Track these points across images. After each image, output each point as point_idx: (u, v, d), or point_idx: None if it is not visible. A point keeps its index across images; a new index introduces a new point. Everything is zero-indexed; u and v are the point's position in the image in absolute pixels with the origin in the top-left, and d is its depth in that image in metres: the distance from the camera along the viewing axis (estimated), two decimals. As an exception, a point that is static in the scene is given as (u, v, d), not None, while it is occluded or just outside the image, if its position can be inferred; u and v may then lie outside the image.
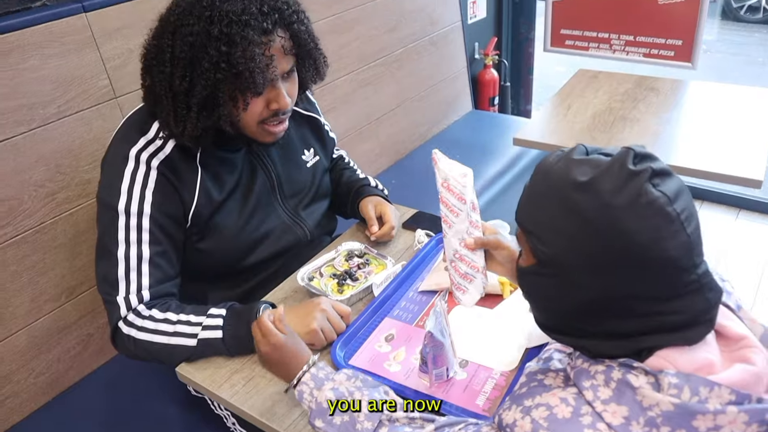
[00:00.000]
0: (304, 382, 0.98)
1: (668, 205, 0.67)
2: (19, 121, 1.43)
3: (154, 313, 1.19)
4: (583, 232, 0.69)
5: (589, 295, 0.71)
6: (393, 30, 2.54)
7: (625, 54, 2.60)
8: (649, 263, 0.67)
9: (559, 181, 0.71)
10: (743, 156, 1.80)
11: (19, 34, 1.40)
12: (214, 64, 1.10)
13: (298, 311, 1.19)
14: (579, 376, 0.74)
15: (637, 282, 0.68)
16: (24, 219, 1.47)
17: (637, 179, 0.67)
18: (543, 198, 0.74)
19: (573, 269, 0.71)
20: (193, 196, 1.26)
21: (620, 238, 0.67)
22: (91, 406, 1.58)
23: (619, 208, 0.67)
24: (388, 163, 2.63)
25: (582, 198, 0.69)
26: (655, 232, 0.66)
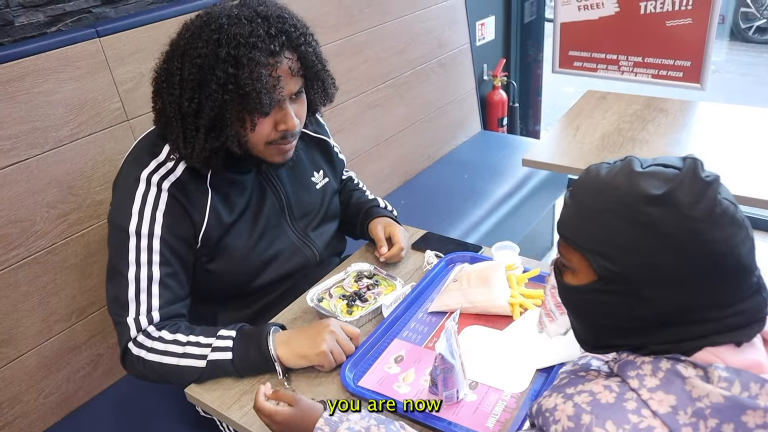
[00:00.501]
0: (318, 427, 0.95)
1: (737, 212, 0.68)
2: (32, 144, 1.45)
3: (164, 335, 1.20)
4: (661, 247, 0.67)
5: (657, 309, 0.70)
6: (402, 52, 2.56)
7: (633, 75, 2.60)
8: (727, 271, 0.67)
9: (627, 196, 0.69)
10: (755, 177, 1.79)
11: (35, 59, 1.43)
12: (222, 86, 1.11)
13: (308, 333, 1.19)
14: (624, 367, 0.73)
15: (711, 291, 0.68)
16: (36, 240, 1.49)
17: (711, 189, 0.67)
18: (605, 214, 0.71)
19: (645, 284, 0.69)
20: (203, 218, 1.26)
21: (703, 250, 0.66)
22: (101, 427, 1.58)
23: (699, 219, 0.66)
24: (397, 184, 2.64)
25: (659, 212, 0.67)
26: (731, 240, 0.67)
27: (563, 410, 0.71)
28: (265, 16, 1.15)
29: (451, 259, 1.46)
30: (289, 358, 1.17)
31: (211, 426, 1.41)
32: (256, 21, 1.13)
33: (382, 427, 0.93)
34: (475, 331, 1.25)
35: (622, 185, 0.70)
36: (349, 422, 0.95)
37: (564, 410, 0.71)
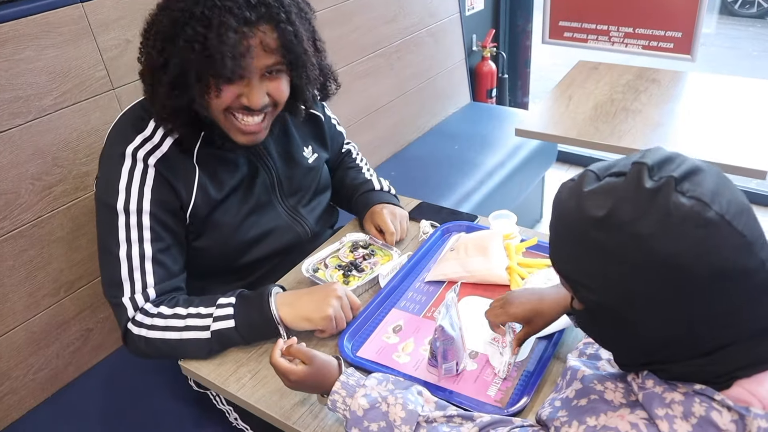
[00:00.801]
0: (335, 391, 0.95)
1: (707, 211, 0.58)
2: (14, 113, 1.40)
3: (163, 310, 1.17)
4: (622, 272, 0.62)
5: (655, 332, 0.64)
6: (391, 21, 2.51)
7: (624, 46, 2.58)
8: (708, 281, 0.59)
9: (576, 222, 0.64)
10: (747, 147, 1.79)
11: (14, 24, 1.37)
12: (190, 43, 1.08)
13: (313, 296, 1.18)
14: (650, 401, 0.66)
15: (702, 303, 0.61)
16: (21, 213, 1.45)
17: (661, 195, 0.59)
18: (565, 243, 0.67)
19: (626, 310, 0.64)
20: (190, 195, 1.23)
21: (661, 266, 0.59)
22: (91, 402, 1.56)
23: (646, 235, 0.59)
24: (387, 155, 2.61)
25: (606, 235, 0.61)
26: (700, 246, 0.58)
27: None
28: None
29: (446, 229, 1.44)
30: (293, 320, 1.16)
31: (204, 400, 1.40)
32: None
33: (399, 395, 0.91)
34: (473, 301, 1.24)
35: (572, 210, 0.65)
36: (366, 388, 0.94)
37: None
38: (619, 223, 0.60)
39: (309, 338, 1.18)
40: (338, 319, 1.16)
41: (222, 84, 1.12)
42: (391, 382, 0.95)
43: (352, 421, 0.92)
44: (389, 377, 0.97)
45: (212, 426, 1.40)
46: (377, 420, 0.90)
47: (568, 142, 1.99)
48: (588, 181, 0.65)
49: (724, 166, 1.75)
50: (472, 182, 2.37)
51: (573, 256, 0.67)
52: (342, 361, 1.01)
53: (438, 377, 1.06)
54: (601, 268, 0.63)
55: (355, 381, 0.96)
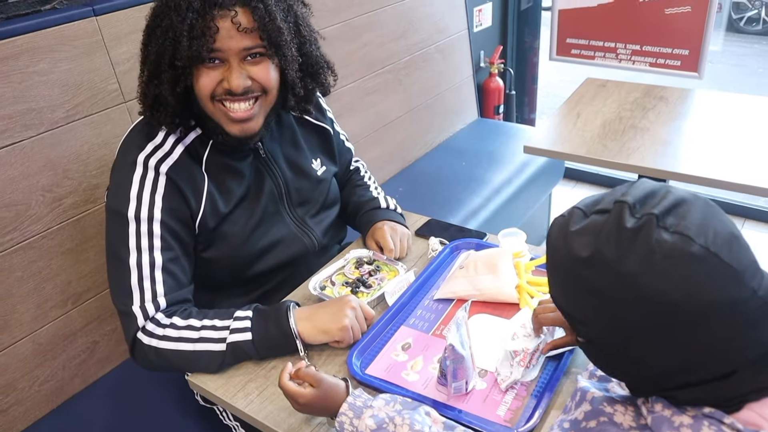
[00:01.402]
0: (342, 413, 0.95)
1: (691, 245, 0.58)
2: (27, 125, 1.41)
3: (176, 321, 1.17)
4: (613, 309, 0.62)
5: (653, 364, 0.64)
6: (400, 38, 2.53)
7: (631, 63, 2.59)
8: (700, 315, 0.59)
9: (565, 261, 0.65)
10: (754, 165, 1.79)
11: (30, 37, 1.38)
12: (164, 32, 1.11)
13: (328, 308, 1.18)
14: (659, 425, 0.66)
15: (697, 336, 0.60)
16: (31, 224, 1.45)
17: (643, 234, 0.59)
18: (558, 280, 0.68)
19: (624, 346, 0.64)
20: (199, 204, 1.24)
21: (649, 303, 0.59)
22: (96, 415, 1.55)
23: (631, 274, 0.59)
24: (395, 171, 2.62)
25: (592, 274, 0.62)
26: (686, 282, 0.58)
27: None
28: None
29: (456, 246, 1.44)
30: (311, 333, 1.16)
31: (210, 416, 1.39)
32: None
33: (407, 415, 0.91)
34: (482, 320, 1.23)
35: (561, 249, 0.66)
36: (373, 409, 0.94)
37: None
38: (604, 262, 0.61)
39: (323, 350, 1.19)
40: (354, 329, 1.17)
41: (195, 69, 1.14)
42: (399, 403, 0.95)
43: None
44: (397, 398, 0.96)
45: (218, 441, 1.39)
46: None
47: (577, 159, 1.99)
48: (575, 219, 0.66)
49: (732, 184, 1.75)
50: (480, 199, 2.37)
51: (566, 294, 0.68)
52: (349, 383, 1.00)
53: (447, 396, 1.05)
54: (593, 305, 0.64)
55: (363, 402, 0.95)
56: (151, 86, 1.16)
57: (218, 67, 1.14)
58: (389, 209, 1.55)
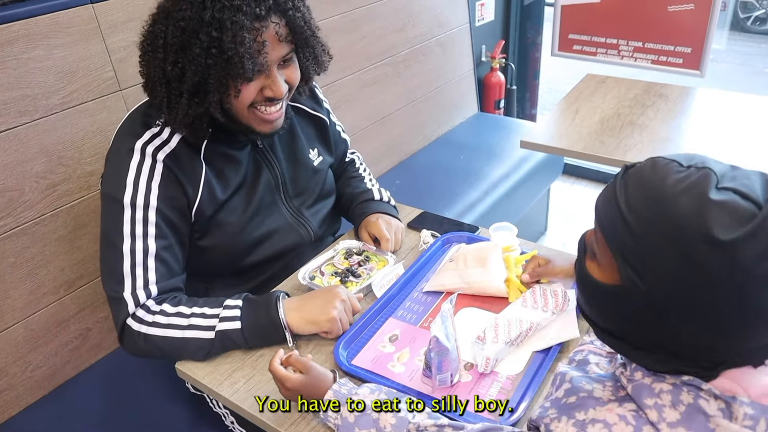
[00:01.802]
0: (326, 399, 0.96)
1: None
2: (21, 112, 1.41)
3: (166, 308, 1.17)
4: (700, 287, 0.60)
5: (668, 336, 0.65)
6: (400, 30, 2.52)
7: (633, 60, 2.58)
8: (753, 324, 0.61)
9: (688, 227, 0.59)
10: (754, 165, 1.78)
11: (25, 23, 1.38)
12: (205, 50, 1.08)
13: (317, 299, 1.19)
14: (639, 392, 0.67)
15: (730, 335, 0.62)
16: (24, 210, 1.45)
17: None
18: (655, 233, 0.62)
19: (664, 312, 0.63)
20: (197, 192, 1.24)
21: (741, 300, 0.59)
22: (88, 401, 1.56)
23: (755, 277, 0.58)
24: (393, 164, 2.61)
25: (716, 256, 0.58)
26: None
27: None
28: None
29: (447, 239, 1.44)
30: (299, 324, 1.17)
31: (201, 403, 1.40)
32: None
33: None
34: (470, 313, 1.23)
35: (688, 211, 0.60)
36: (358, 396, 0.94)
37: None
38: (740, 255, 0.58)
39: (310, 339, 1.20)
40: (343, 321, 1.17)
41: (242, 84, 1.13)
42: (384, 393, 0.95)
43: (344, 428, 0.93)
44: (382, 388, 0.97)
45: (208, 429, 1.40)
46: (368, 427, 0.91)
47: (573, 155, 1.98)
48: (711, 185, 0.60)
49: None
50: (477, 193, 2.37)
51: (650, 245, 0.62)
52: (337, 374, 1.01)
53: (432, 388, 1.05)
54: (683, 275, 0.60)
55: (348, 390, 0.96)
56: (192, 106, 1.13)
57: (257, 77, 1.14)
58: (383, 201, 1.55)
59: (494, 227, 1.37)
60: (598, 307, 0.72)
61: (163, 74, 1.13)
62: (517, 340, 1.11)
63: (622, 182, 0.66)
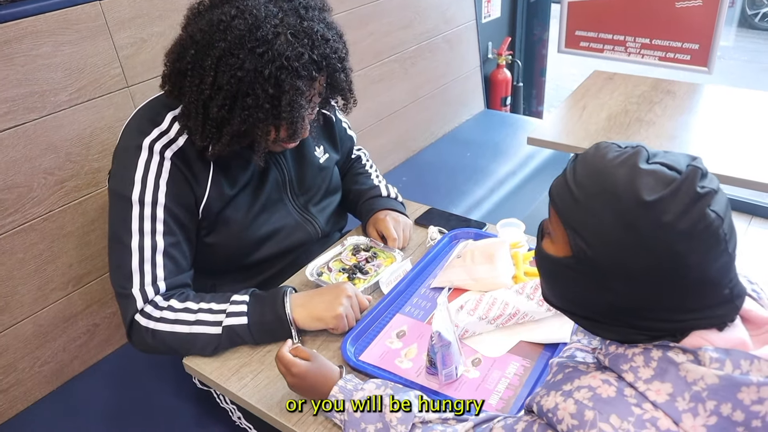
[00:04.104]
0: (333, 395, 0.96)
1: (720, 227, 0.65)
2: (30, 108, 1.42)
3: (174, 304, 1.18)
4: (635, 247, 0.66)
5: (620, 300, 0.70)
6: (407, 27, 2.52)
7: (640, 57, 2.57)
8: (691, 282, 0.66)
9: (622, 192, 0.67)
10: (761, 161, 1.77)
11: (33, 21, 1.39)
12: (259, 105, 1.09)
13: (324, 296, 1.19)
14: (615, 361, 0.72)
15: (673, 296, 0.67)
16: (32, 206, 1.46)
17: (701, 203, 0.65)
18: (596, 201, 0.69)
19: (611, 275, 0.69)
20: (204, 190, 1.24)
21: (671, 259, 0.65)
22: (96, 397, 1.57)
23: (679, 232, 0.64)
24: (400, 160, 2.61)
25: (644, 215, 0.65)
26: (703, 254, 0.65)
27: (565, 408, 0.70)
28: (310, 33, 1.10)
29: (455, 235, 1.44)
30: (305, 320, 1.17)
31: (208, 398, 1.40)
32: (301, 39, 1.09)
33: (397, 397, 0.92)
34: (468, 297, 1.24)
35: (621, 179, 0.67)
36: (364, 392, 0.95)
37: (566, 408, 0.70)
38: (663, 212, 0.64)
39: (318, 335, 1.20)
40: (349, 317, 1.18)
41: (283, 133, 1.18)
42: (390, 388, 0.95)
43: (350, 422, 0.93)
44: (388, 383, 0.97)
45: (215, 424, 1.40)
46: (374, 421, 0.91)
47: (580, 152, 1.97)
48: (642, 158, 0.68)
49: (740, 180, 1.73)
50: (483, 190, 2.36)
51: (593, 213, 0.69)
52: (344, 370, 1.02)
53: (439, 384, 1.05)
54: (621, 238, 0.67)
55: (354, 386, 0.97)
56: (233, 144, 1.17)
57: None
58: (390, 197, 1.55)
59: (502, 223, 1.37)
60: (555, 282, 0.78)
61: (204, 108, 1.13)
62: (497, 321, 1.14)
63: (572, 165, 0.74)
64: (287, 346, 1.03)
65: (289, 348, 1.03)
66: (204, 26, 1.11)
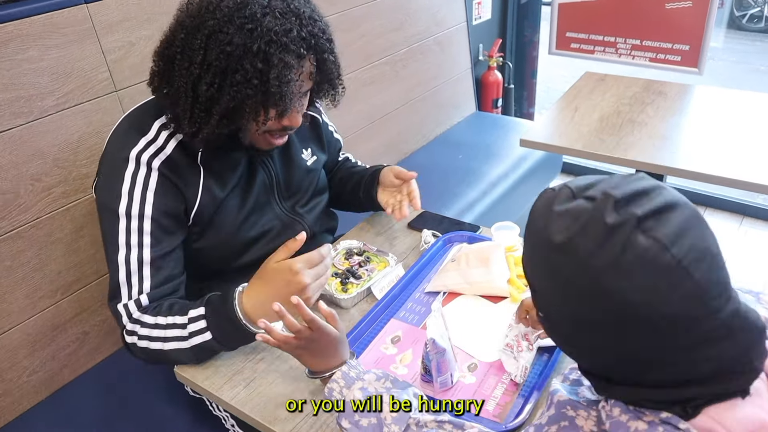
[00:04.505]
0: (335, 380, 0.96)
1: (664, 253, 0.57)
2: (16, 113, 1.39)
3: (147, 319, 1.16)
4: (568, 293, 0.63)
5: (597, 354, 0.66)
6: (398, 29, 2.51)
7: (631, 58, 2.57)
8: (650, 320, 0.59)
9: (540, 240, 0.65)
10: (753, 161, 1.77)
11: (19, 24, 1.36)
12: (248, 79, 1.08)
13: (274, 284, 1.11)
14: (616, 429, 0.66)
15: (643, 338, 0.61)
16: (19, 213, 1.44)
17: (620, 233, 0.58)
18: (530, 253, 0.69)
19: (573, 328, 0.66)
20: (196, 196, 1.22)
21: (608, 301, 0.59)
22: (86, 406, 1.54)
23: (600, 268, 0.59)
24: (391, 163, 2.55)
25: (560, 260, 0.62)
26: (648, 288, 0.58)
27: None
28: (298, 13, 1.10)
29: (449, 239, 1.43)
30: (267, 313, 1.06)
31: (200, 406, 1.38)
32: (289, 18, 1.09)
33: (395, 392, 0.92)
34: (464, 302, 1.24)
35: (539, 225, 0.65)
36: (364, 382, 0.95)
37: None
38: (575, 252, 0.61)
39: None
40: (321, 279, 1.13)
41: (273, 115, 1.15)
42: (390, 381, 0.95)
43: (345, 413, 0.92)
44: (389, 375, 0.96)
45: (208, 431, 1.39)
46: (368, 416, 0.90)
47: (573, 153, 1.97)
48: (561, 199, 0.65)
49: (730, 180, 1.74)
50: (476, 192, 2.35)
51: (534, 266, 0.68)
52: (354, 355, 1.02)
53: (434, 391, 1.04)
54: (554, 285, 0.65)
55: (356, 374, 0.96)
56: (221, 126, 1.13)
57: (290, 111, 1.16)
58: None
59: (496, 226, 1.36)
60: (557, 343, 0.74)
61: (193, 90, 1.11)
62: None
63: None
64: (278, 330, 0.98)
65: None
66: (193, 11, 1.11)
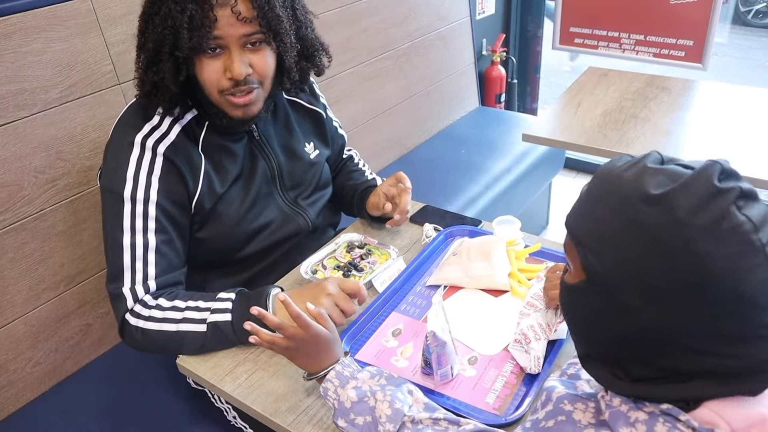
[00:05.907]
0: (329, 379, 0.96)
1: (753, 233, 0.58)
2: (20, 106, 1.40)
3: (162, 302, 1.17)
4: (648, 251, 0.60)
5: (639, 323, 0.62)
6: (401, 23, 2.50)
7: (635, 53, 2.56)
8: (720, 296, 0.58)
9: (628, 191, 0.62)
10: (756, 157, 1.77)
11: (22, 16, 1.37)
12: (163, 20, 1.10)
13: (305, 296, 1.14)
14: (615, 420, 0.66)
15: (700, 315, 0.59)
16: (23, 206, 1.44)
17: (722, 199, 0.58)
18: (603, 207, 0.64)
19: (626, 290, 0.62)
20: (197, 184, 1.23)
21: (691, 263, 0.58)
22: (89, 397, 1.55)
23: (696, 228, 0.57)
24: (394, 158, 2.60)
25: (653, 212, 0.59)
26: (733, 261, 0.57)
27: None
28: None
29: (450, 233, 1.43)
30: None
31: (202, 398, 1.39)
32: None
33: (389, 391, 0.91)
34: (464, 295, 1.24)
35: (628, 179, 0.63)
36: (357, 381, 0.95)
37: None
38: (673, 206, 0.59)
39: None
40: (335, 316, 1.12)
41: (199, 58, 1.14)
42: (384, 378, 0.95)
43: (340, 411, 0.93)
44: (383, 372, 0.97)
45: (210, 424, 1.39)
46: (363, 414, 0.91)
47: (576, 148, 1.97)
48: (652, 159, 0.64)
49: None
50: (478, 187, 2.35)
51: (601, 220, 0.64)
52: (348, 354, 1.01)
53: (435, 384, 1.04)
54: (630, 242, 0.61)
55: (350, 373, 0.96)
56: (149, 73, 1.15)
57: (219, 55, 1.14)
58: None
59: (498, 221, 1.36)
60: (575, 315, 0.72)
61: (138, 56, 1.18)
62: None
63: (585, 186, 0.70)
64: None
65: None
66: None
